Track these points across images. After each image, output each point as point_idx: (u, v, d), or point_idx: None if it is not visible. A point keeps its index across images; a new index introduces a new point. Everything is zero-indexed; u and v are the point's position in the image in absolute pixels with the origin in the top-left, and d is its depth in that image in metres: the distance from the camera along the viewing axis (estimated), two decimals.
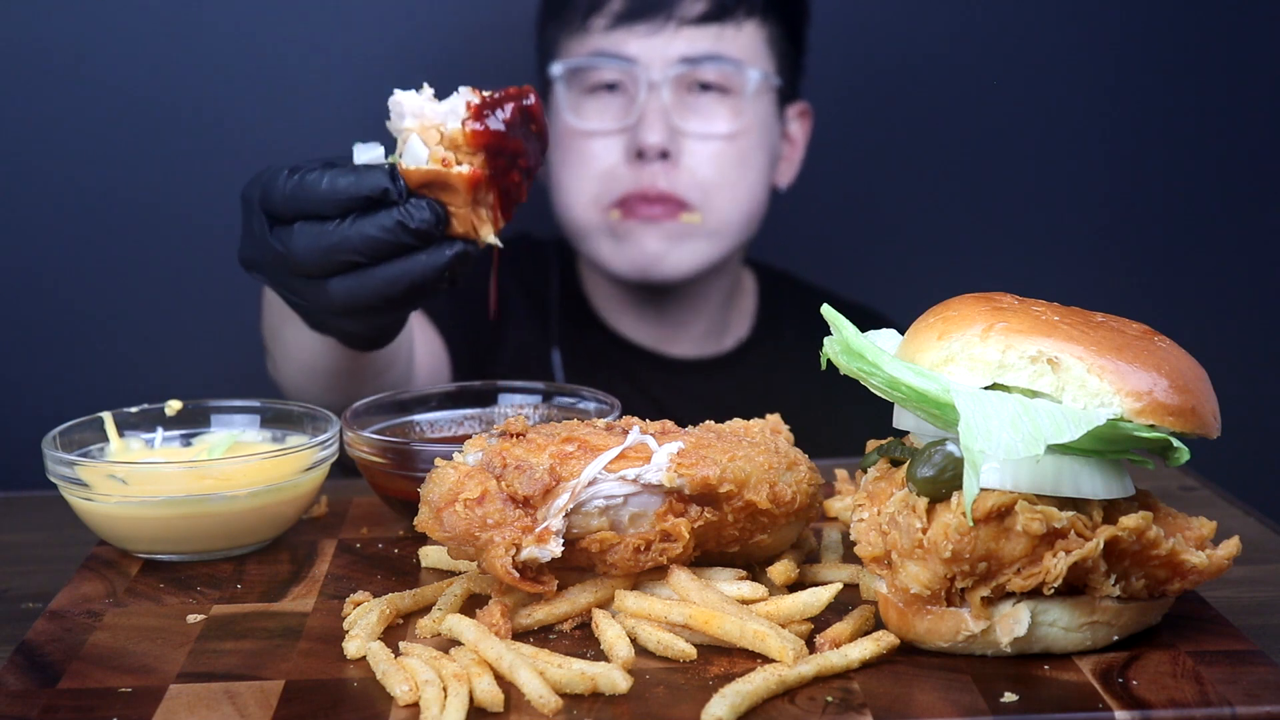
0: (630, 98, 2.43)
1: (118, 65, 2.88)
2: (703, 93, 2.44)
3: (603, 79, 2.45)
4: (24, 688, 1.27)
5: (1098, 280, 3.14)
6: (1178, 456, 1.29)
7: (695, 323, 2.62)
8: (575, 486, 1.35)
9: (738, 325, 2.69)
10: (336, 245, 1.53)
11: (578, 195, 2.47)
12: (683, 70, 2.41)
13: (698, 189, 2.42)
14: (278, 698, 1.24)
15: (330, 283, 1.56)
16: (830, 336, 1.36)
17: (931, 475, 1.29)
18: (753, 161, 2.48)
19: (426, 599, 1.42)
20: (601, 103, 2.46)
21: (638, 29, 2.41)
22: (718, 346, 2.67)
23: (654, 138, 2.39)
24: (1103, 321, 1.34)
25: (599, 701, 1.22)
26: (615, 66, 2.43)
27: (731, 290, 2.65)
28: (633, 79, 2.42)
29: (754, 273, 2.75)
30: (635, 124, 2.41)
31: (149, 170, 2.92)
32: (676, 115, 2.41)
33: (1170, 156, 3.16)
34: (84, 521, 1.60)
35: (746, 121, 2.45)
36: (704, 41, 2.42)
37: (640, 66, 2.41)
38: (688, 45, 2.41)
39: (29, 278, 2.94)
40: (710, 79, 2.43)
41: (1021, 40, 3.09)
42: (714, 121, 2.44)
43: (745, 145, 2.46)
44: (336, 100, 2.95)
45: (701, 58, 2.42)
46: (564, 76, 2.47)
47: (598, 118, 2.45)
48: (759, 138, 2.49)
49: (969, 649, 1.30)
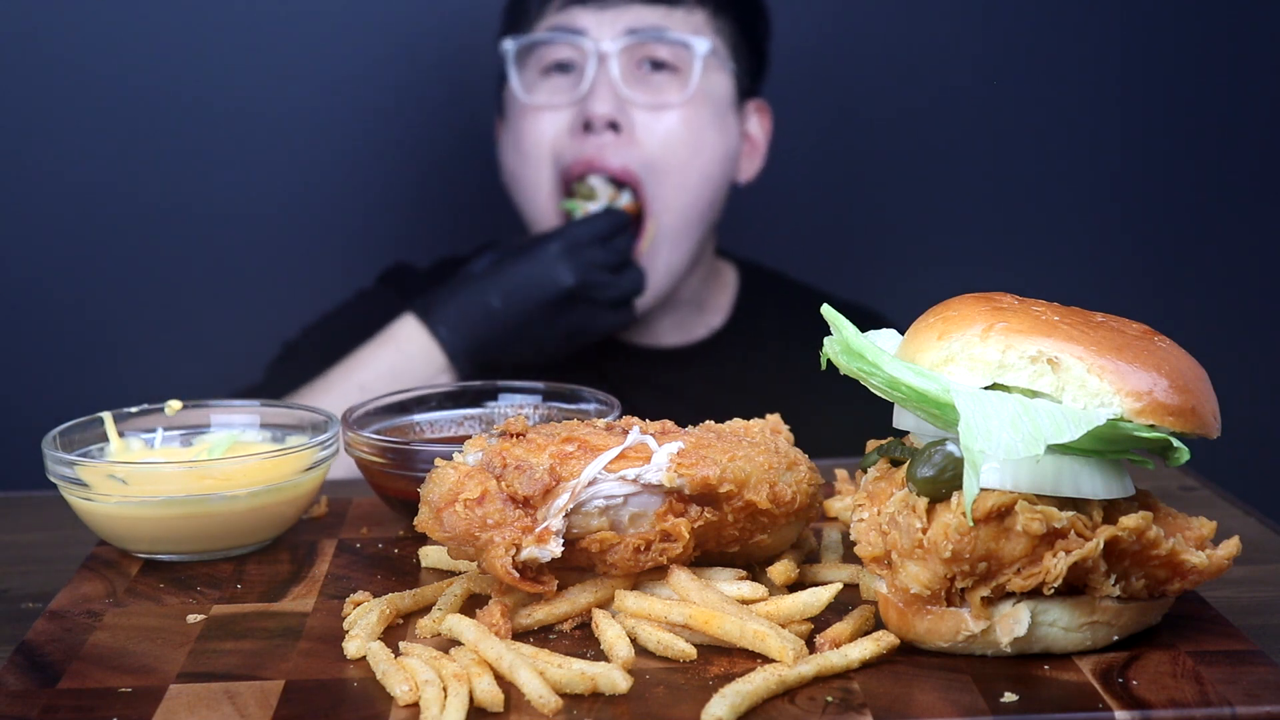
0: (580, 72, 2.45)
1: (118, 66, 2.88)
2: (653, 71, 2.47)
3: (555, 58, 2.48)
4: (24, 688, 1.27)
5: (1098, 280, 3.14)
6: (1178, 456, 1.29)
7: (664, 316, 2.63)
8: (575, 486, 1.35)
9: (711, 316, 2.69)
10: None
11: (530, 182, 2.49)
12: (631, 41, 2.44)
13: (647, 166, 2.43)
14: (278, 698, 1.24)
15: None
16: (830, 336, 1.36)
17: (931, 475, 1.29)
18: (705, 140, 2.48)
19: (426, 599, 1.42)
20: (553, 83, 2.49)
21: (589, 5, 2.45)
22: (688, 336, 2.67)
23: (602, 107, 2.41)
24: (1103, 321, 1.34)
25: (599, 701, 1.22)
26: (565, 41, 2.45)
27: (704, 281, 2.65)
28: (582, 53, 2.45)
29: (736, 267, 2.76)
30: (585, 96, 2.43)
31: (149, 170, 2.92)
32: (626, 88, 2.44)
33: (1170, 155, 3.16)
34: (84, 521, 1.60)
35: (696, 95, 2.46)
36: (652, 18, 2.45)
37: (589, 39, 2.43)
38: (636, 19, 2.45)
39: (29, 278, 2.94)
40: (660, 56, 2.46)
41: (1021, 38, 3.09)
42: (663, 94, 2.46)
43: (696, 122, 2.47)
44: (333, 99, 2.96)
45: (648, 29, 2.44)
46: (515, 54, 2.48)
47: (548, 95, 2.48)
48: (710, 116, 2.49)
49: (969, 649, 1.30)
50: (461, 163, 2.99)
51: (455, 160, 3.01)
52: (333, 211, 3.00)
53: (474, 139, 2.88)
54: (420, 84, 2.98)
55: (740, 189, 2.65)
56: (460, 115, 2.97)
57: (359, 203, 3.01)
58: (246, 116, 2.93)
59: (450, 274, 2.44)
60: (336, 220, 3.01)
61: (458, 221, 3.03)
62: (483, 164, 2.79)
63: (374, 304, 2.44)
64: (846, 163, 3.10)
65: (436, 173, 3.02)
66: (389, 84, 2.98)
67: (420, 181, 3.03)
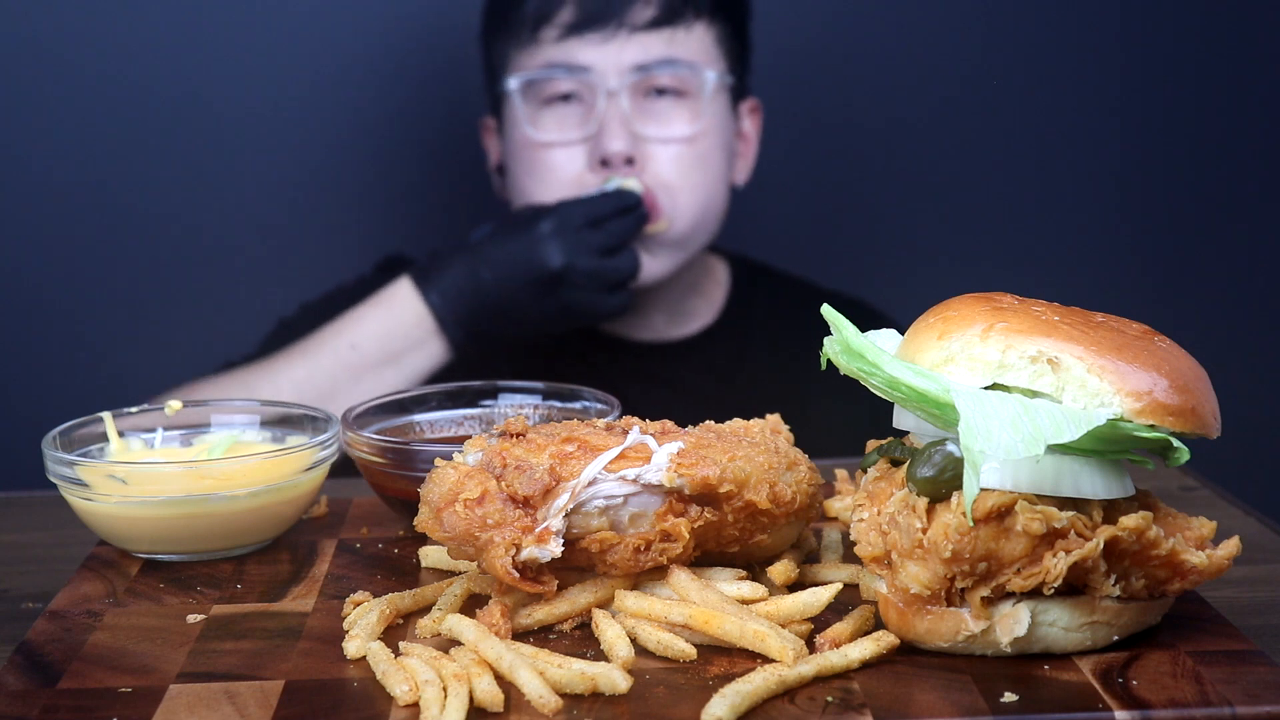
0: (588, 107, 2.46)
1: (115, 64, 2.88)
2: (659, 97, 2.48)
3: (558, 90, 2.48)
4: (24, 688, 1.27)
5: (1098, 280, 3.14)
6: (1178, 456, 1.29)
7: (654, 311, 2.64)
8: (575, 486, 1.35)
9: (703, 311, 2.70)
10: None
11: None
12: (639, 78, 2.45)
13: (661, 192, 2.45)
14: (278, 698, 1.24)
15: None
16: (830, 336, 1.36)
17: (931, 475, 1.29)
18: (712, 161, 2.52)
19: (426, 599, 1.42)
20: (559, 113, 2.49)
21: (589, 38, 2.44)
22: (680, 331, 2.68)
23: (617, 145, 2.43)
24: (1103, 321, 1.34)
25: (599, 701, 1.22)
26: (571, 77, 2.45)
27: (695, 278, 2.66)
28: (589, 88, 2.45)
29: (727, 263, 2.77)
30: (597, 133, 2.45)
31: (149, 170, 2.92)
32: (637, 122, 2.45)
33: (1171, 154, 3.16)
34: (84, 521, 1.60)
35: (705, 123, 2.49)
36: (656, 46, 2.45)
37: (596, 75, 2.44)
38: (641, 51, 2.44)
39: (29, 278, 2.94)
40: (666, 84, 2.47)
41: (1018, 32, 3.09)
42: (673, 125, 2.48)
43: (705, 147, 2.50)
44: (327, 98, 2.96)
45: (656, 63, 2.45)
46: (520, 90, 2.48)
47: (557, 129, 2.49)
48: (717, 138, 2.52)
49: (969, 649, 1.30)
50: (456, 152, 2.99)
51: (449, 150, 3.01)
52: (329, 204, 3.00)
53: (468, 127, 2.87)
54: (414, 70, 2.98)
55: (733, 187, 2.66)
56: (454, 104, 2.97)
57: (354, 195, 3.01)
58: (240, 110, 2.93)
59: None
60: (332, 213, 3.01)
61: (453, 213, 3.03)
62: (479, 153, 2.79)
63: (372, 288, 2.45)
64: (837, 158, 3.09)
65: (432, 163, 3.02)
66: (383, 72, 2.98)
67: (417, 169, 3.03)
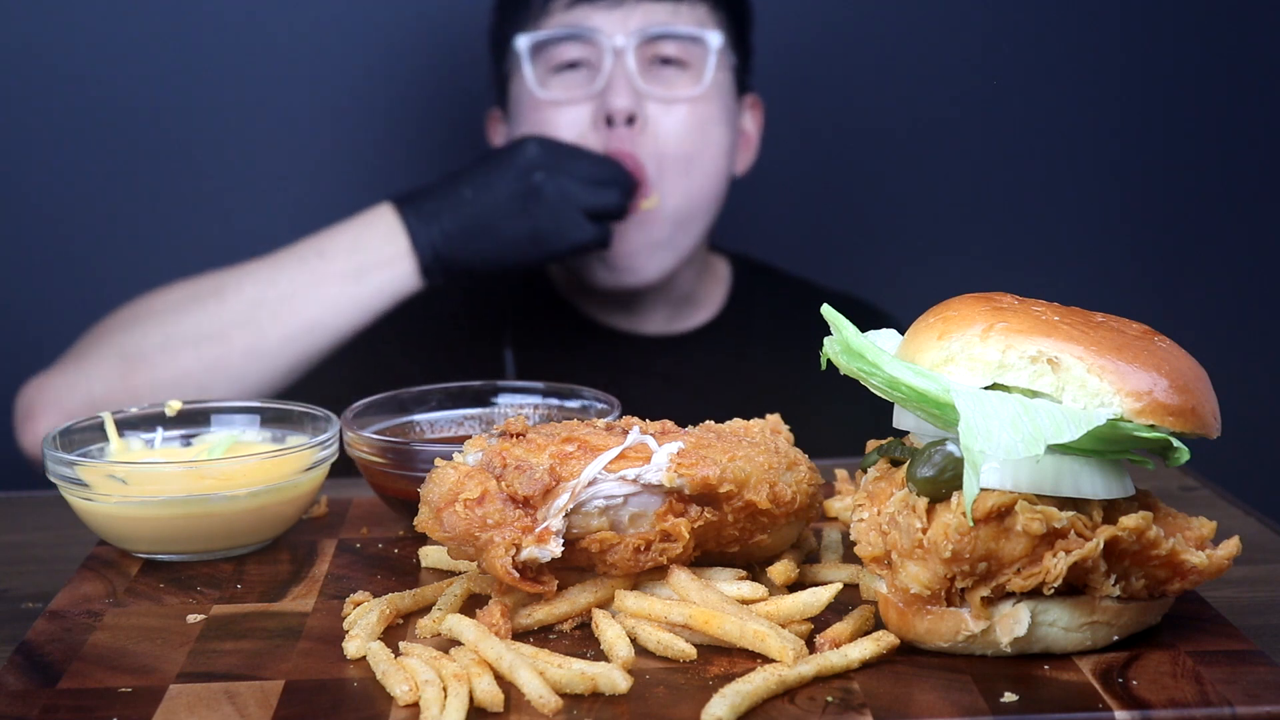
0: (595, 69, 2.48)
1: (111, 63, 2.88)
2: (664, 66, 2.50)
3: (567, 57, 2.50)
4: (24, 688, 1.27)
5: (1098, 280, 3.14)
6: (1178, 456, 1.29)
7: (656, 309, 2.64)
8: (575, 486, 1.35)
9: (704, 309, 2.71)
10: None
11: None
12: (644, 39, 2.47)
13: (658, 158, 2.46)
14: (278, 698, 1.24)
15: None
16: (830, 336, 1.36)
17: (931, 475, 1.29)
18: (713, 135, 2.52)
19: (426, 599, 1.42)
20: (567, 78, 2.51)
21: (598, 4, 2.47)
22: (681, 328, 2.69)
23: (621, 101, 2.44)
24: (1103, 321, 1.34)
25: (599, 701, 1.22)
26: (580, 39, 2.48)
27: (697, 275, 2.67)
28: (597, 50, 2.48)
29: (728, 261, 2.77)
30: (602, 90, 2.46)
31: (149, 170, 2.92)
32: (642, 80, 2.47)
33: (1171, 154, 3.16)
34: (84, 521, 1.60)
35: (708, 89, 2.50)
36: (662, 15, 2.49)
37: (604, 35, 2.46)
38: (645, 18, 2.48)
39: (29, 279, 2.94)
40: (671, 53, 2.49)
41: (1019, 30, 3.09)
42: (677, 88, 2.50)
43: (706, 115, 2.51)
44: (332, 90, 2.96)
45: (662, 29, 2.48)
46: (530, 51, 2.49)
47: (564, 90, 2.50)
48: (719, 110, 2.53)
49: (969, 649, 1.30)
50: (463, 145, 2.99)
51: (457, 142, 3.01)
52: (330, 202, 2.99)
53: (476, 120, 2.88)
54: (422, 62, 2.99)
55: (732, 183, 2.66)
56: (462, 96, 2.97)
57: (360, 188, 3.00)
58: (246, 102, 2.93)
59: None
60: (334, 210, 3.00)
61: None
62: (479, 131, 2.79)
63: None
64: (838, 158, 3.10)
65: (439, 155, 3.02)
66: (392, 64, 2.98)
67: (424, 160, 3.03)
